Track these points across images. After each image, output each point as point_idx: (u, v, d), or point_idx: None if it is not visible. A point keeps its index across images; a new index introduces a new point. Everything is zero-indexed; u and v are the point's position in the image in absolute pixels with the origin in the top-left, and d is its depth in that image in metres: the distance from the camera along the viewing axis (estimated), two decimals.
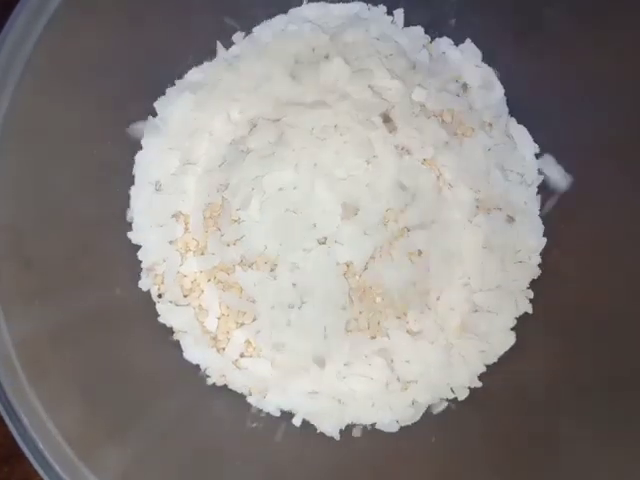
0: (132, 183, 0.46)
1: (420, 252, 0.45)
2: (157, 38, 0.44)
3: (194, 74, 0.47)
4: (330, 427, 0.45)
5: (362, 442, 0.46)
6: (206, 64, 0.48)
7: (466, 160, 0.46)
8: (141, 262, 0.46)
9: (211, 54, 0.48)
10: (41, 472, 0.33)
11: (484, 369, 0.46)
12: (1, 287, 0.35)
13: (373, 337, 0.45)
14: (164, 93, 0.47)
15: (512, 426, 0.43)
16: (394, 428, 0.45)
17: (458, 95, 0.47)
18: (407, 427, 0.46)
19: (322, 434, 0.45)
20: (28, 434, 0.33)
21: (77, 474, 0.34)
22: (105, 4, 0.40)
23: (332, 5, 0.48)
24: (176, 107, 0.46)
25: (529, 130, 0.48)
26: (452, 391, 0.46)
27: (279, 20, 0.48)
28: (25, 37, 0.35)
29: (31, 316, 0.36)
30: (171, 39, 0.45)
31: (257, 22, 0.48)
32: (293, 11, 0.48)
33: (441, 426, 0.46)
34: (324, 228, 0.44)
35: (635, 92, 0.41)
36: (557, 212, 0.47)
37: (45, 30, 0.36)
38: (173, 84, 0.47)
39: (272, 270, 0.44)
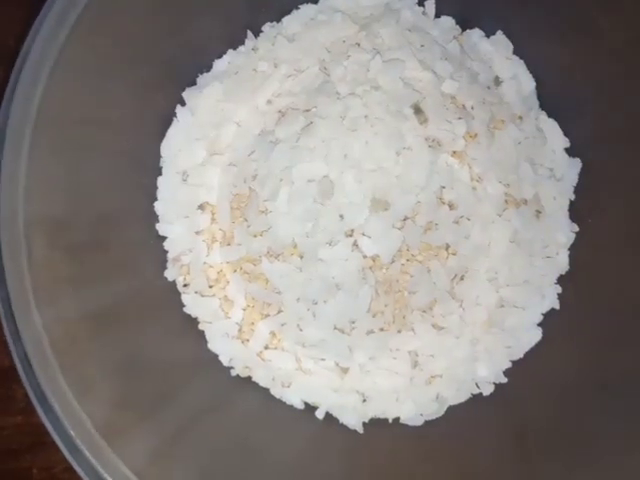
0: (160, 174, 0.46)
1: (448, 246, 0.45)
2: (188, 27, 0.43)
3: (223, 63, 0.47)
4: (353, 420, 0.45)
5: (386, 436, 0.45)
6: (235, 53, 0.47)
7: (496, 153, 0.45)
8: (167, 252, 0.46)
9: (241, 43, 0.48)
10: (70, 458, 0.33)
11: (510, 365, 0.46)
12: (32, 275, 0.34)
13: (398, 331, 0.45)
14: (195, 83, 0.47)
15: (537, 422, 0.43)
16: (418, 422, 0.45)
17: (489, 87, 0.46)
18: (431, 421, 0.45)
19: (345, 427, 0.45)
20: (59, 420, 0.33)
21: (105, 460, 0.34)
22: None
23: None
24: (204, 97, 0.46)
25: (560, 124, 0.47)
26: (477, 386, 0.46)
27: (309, 10, 0.47)
28: (59, 27, 0.35)
29: (62, 303, 0.36)
30: (202, 28, 0.44)
31: (287, 12, 0.48)
32: (323, 1, 0.47)
33: (466, 421, 0.45)
34: (352, 220, 0.43)
35: None
36: (586, 207, 0.46)
37: (78, 20, 0.35)
38: (203, 74, 0.47)
39: (298, 262, 0.44)
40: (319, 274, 0.43)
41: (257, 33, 0.48)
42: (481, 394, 0.46)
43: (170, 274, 0.45)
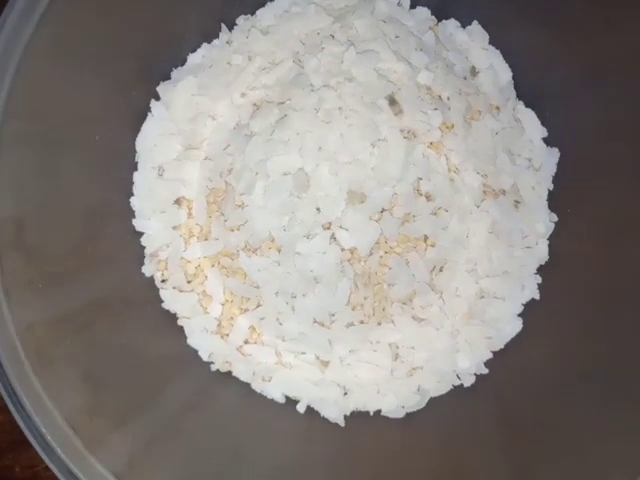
0: (135, 169, 0.46)
1: (426, 237, 0.45)
2: (161, 20, 0.43)
3: (197, 57, 0.47)
4: (335, 413, 0.45)
5: (367, 428, 0.45)
6: (209, 47, 0.47)
7: (473, 144, 0.45)
8: (144, 248, 0.46)
9: (215, 37, 0.47)
10: (46, 459, 0.33)
11: (490, 355, 0.46)
12: (4, 275, 0.34)
13: (378, 323, 0.45)
14: (169, 77, 0.47)
15: (518, 412, 0.43)
16: (400, 414, 0.45)
17: (465, 78, 0.46)
18: (413, 413, 0.45)
19: (327, 420, 0.45)
20: (33, 421, 0.33)
21: (82, 461, 0.34)
22: None
23: None
24: (179, 91, 0.45)
25: (537, 114, 0.47)
26: (458, 378, 0.46)
27: (283, 2, 0.47)
28: (25, 20, 0.35)
29: (35, 303, 0.36)
30: (174, 21, 0.44)
31: (261, 4, 0.47)
32: None
33: (447, 412, 0.45)
34: (328, 213, 0.43)
35: None
36: (565, 197, 0.46)
37: (46, 11, 0.35)
38: (177, 68, 0.47)
39: (276, 256, 0.43)
40: (297, 268, 0.43)
41: (231, 26, 0.47)
42: (462, 385, 0.46)
43: (148, 270, 0.45)
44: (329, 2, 0.46)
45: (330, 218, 0.43)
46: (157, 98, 0.46)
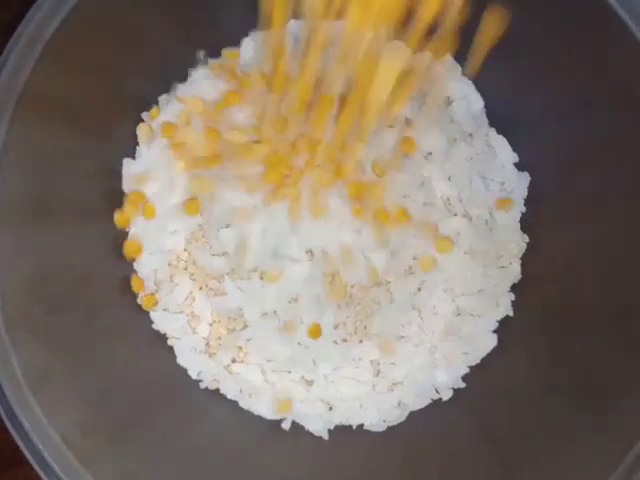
0: None
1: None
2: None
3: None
4: (319, 427, 0.47)
5: (350, 442, 0.47)
6: None
7: (449, 170, 0.48)
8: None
9: None
10: (42, 475, 0.35)
11: (467, 370, 0.48)
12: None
13: (360, 341, 0.47)
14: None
15: (495, 424, 0.45)
16: (381, 428, 0.47)
17: (439, 107, 0.49)
18: (394, 427, 0.47)
19: (312, 435, 0.47)
20: (30, 439, 0.35)
21: (78, 477, 0.35)
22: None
23: None
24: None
25: (508, 140, 0.50)
26: (437, 392, 0.48)
27: None
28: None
29: (32, 323, 0.38)
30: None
31: None
32: None
33: (427, 425, 0.47)
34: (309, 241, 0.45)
35: (612, 104, 0.42)
36: (536, 218, 0.49)
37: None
38: None
39: (260, 279, 0.45)
40: (280, 291, 0.45)
41: None
42: (441, 399, 0.48)
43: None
44: None
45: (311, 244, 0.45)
46: None
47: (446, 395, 0.48)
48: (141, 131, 0.48)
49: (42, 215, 0.41)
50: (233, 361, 0.47)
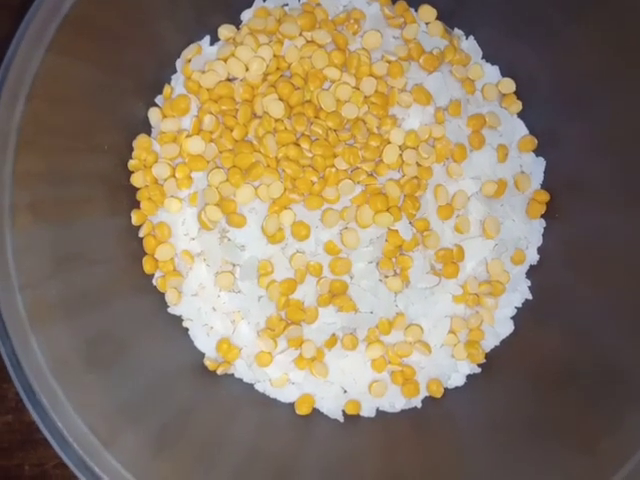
0: None
1: None
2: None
3: None
4: (334, 410, 0.47)
5: (366, 424, 0.47)
6: None
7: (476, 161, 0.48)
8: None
9: None
10: (63, 455, 0.35)
11: (483, 356, 0.48)
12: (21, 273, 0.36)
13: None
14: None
15: (508, 410, 0.45)
16: (396, 410, 0.47)
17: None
18: (410, 410, 0.47)
19: (327, 418, 0.47)
20: (50, 419, 0.35)
21: (98, 456, 0.35)
22: None
23: None
24: None
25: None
26: (452, 378, 0.48)
27: None
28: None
29: (51, 308, 0.38)
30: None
31: None
32: None
33: (442, 410, 0.47)
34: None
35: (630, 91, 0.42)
36: (554, 207, 0.49)
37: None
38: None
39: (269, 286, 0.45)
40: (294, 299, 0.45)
41: None
42: (455, 387, 0.48)
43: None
44: None
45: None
46: None
47: (461, 381, 0.48)
48: (153, 115, 0.48)
49: (61, 201, 0.41)
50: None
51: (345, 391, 0.47)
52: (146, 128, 0.48)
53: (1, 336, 0.35)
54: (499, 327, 0.48)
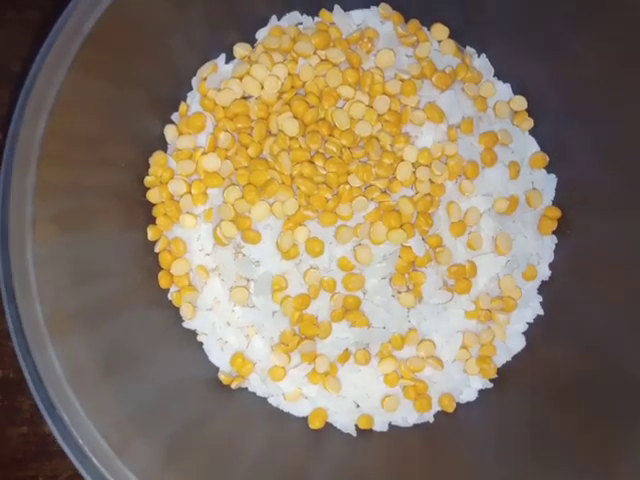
0: None
1: None
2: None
3: None
4: (347, 424, 0.47)
5: (378, 438, 0.47)
6: None
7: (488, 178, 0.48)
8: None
9: None
10: (79, 466, 0.35)
11: (495, 371, 0.48)
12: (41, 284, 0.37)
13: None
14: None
15: (520, 425, 0.45)
16: (409, 424, 0.47)
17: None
18: (422, 424, 0.48)
19: (340, 432, 0.47)
20: (69, 432, 0.35)
21: (113, 468, 0.36)
22: None
23: None
24: None
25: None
26: (464, 393, 0.48)
27: None
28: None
29: (69, 320, 0.39)
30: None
31: None
32: None
33: (454, 425, 0.48)
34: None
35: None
36: (565, 224, 0.49)
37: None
38: None
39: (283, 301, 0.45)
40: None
41: None
42: (467, 402, 0.48)
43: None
44: None
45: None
46: None
47: (473, 396, 0.48)
48: (169, 132, 0.49)
49: (80, 218, 0.42)
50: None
51: (358, 405, 0.47)
52: (162, 145, 0.49)
53: (22, 350, 0.36)
54: (511, 342, 0.48)
